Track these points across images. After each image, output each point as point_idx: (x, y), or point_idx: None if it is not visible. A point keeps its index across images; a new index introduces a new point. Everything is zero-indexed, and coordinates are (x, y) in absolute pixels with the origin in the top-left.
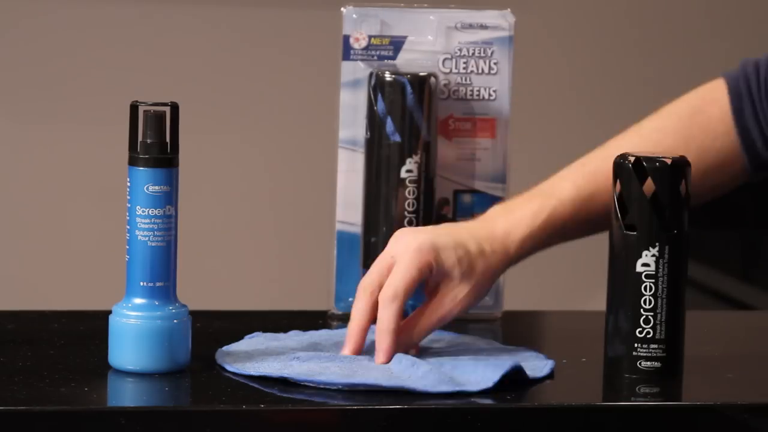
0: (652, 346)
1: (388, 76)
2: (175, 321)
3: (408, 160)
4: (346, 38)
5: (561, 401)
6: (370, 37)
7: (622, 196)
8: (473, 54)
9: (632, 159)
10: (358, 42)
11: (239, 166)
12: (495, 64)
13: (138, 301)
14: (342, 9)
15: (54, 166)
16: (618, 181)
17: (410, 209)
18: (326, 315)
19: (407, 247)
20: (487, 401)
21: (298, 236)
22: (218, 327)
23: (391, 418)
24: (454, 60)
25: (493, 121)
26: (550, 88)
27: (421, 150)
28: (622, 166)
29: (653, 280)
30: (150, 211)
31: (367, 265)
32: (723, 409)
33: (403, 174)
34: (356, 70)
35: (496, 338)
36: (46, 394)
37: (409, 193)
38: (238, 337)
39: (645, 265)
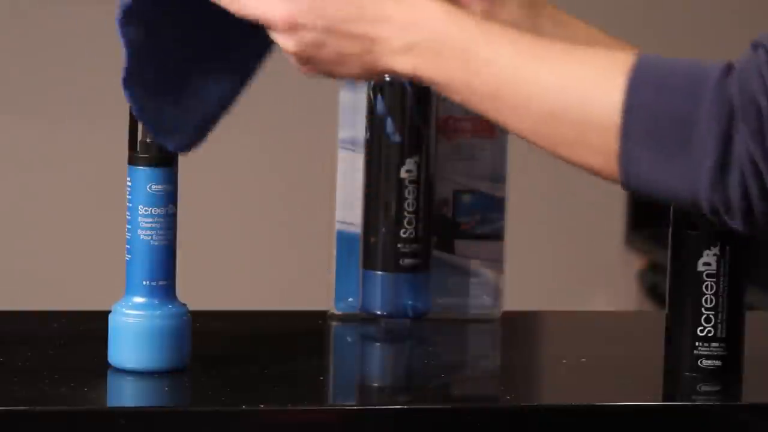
0: (713, 344)
1: (387, 76)
2: (175, 319)
3: (408, 160)
4: None
5: (561, 401)
6: None
7: None
8: None
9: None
10: None
11: (239, 165)
12: None
13: (138, 299)
14: None
15: (53, 166)
16: None
17: (410, 209)
18: (326, 315)
19: None
20: (487, 401)
21: (298, 236)
22: (218, 327)
23: (391, 418)
24: None
25: None
26: None
27: (421, 150)
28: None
29: (714, 280)
30: (153, 210)
31: (366, 265)
32: (723, 410)
33: (403, 174)
34: None
35: (496, 338)
36: (46, 394)
37: (408, 193)
38: (239, 337)
39: (706, 264)
